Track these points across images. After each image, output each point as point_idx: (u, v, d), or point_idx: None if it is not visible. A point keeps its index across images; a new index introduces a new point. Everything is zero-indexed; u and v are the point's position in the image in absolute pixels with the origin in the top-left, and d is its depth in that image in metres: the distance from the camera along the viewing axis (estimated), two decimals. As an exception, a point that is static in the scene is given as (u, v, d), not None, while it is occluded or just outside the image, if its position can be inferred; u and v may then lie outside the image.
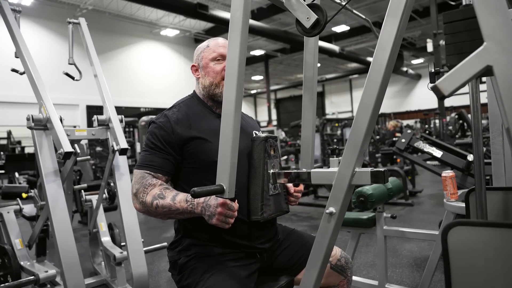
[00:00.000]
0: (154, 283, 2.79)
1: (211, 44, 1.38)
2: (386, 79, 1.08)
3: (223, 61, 1.35)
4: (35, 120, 2.12)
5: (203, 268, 1.23)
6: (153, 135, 1.29)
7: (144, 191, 1.22)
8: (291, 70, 22.87)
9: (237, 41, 1.11)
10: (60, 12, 11.87)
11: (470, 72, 0.71)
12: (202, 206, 1.15)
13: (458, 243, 0.76)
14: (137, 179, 1.26)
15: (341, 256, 1.41)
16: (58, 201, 2.07)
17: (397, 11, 1.00)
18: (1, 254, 2.45)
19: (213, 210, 1.12)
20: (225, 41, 1.37)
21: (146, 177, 1.25)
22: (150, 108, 14.86)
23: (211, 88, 1.35)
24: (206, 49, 1.38)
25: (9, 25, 2.43)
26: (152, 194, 1.21)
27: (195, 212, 1.16)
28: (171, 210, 1.19)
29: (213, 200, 1.13)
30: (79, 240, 4.13)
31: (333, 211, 1.11)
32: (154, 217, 1.25)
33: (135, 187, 1.25)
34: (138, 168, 1.29)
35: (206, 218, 1.14)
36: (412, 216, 4.49)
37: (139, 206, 1.25)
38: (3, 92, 10.85)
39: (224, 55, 1.34)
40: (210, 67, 1.36)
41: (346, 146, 1.08)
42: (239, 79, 1.10)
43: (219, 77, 1.34)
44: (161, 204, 1.19)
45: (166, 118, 1.31)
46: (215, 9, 10.98)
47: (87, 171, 5.31)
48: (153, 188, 1.22)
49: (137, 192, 1.24)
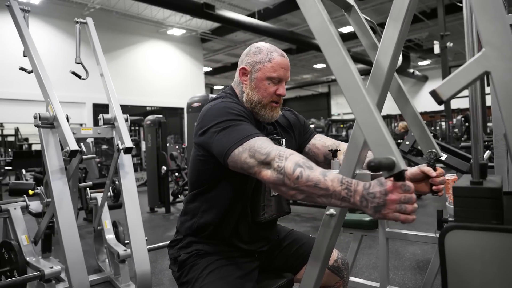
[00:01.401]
0: (157, 281, 2.82)
1: (274, 61, 1.26)
2: (388, 82, 1.09)
3: (277, 83, 1.27)
4: (42, 118, 2.15)
5: (202, 265, 1.24)
6: (232, 108, 1.17)
7: (281, 154, 0.99)
8: (297, 71, 22.83)
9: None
10: (68, 11, 11.96)
11: (469, 77, 0.71)
12: (362, 195, 0.87)
13: (455, 247, 0.77)
14: (261, 144, 1.04)
15: (338, 257, 1.43)
16: (63, 199, 2.09)
17: (399, 15, 1.01)
18: (7, 249, 2.48)
19: (380, 199, 0.84)
20: (287, 62, 1.29)
21: (267, 141, 1.05)
22: (156, 107, 14.93)
23: (257, 105, 1.27)
24: (267, 64, 1.26)
25: (18, 24, 2.47)
26: (293, 160, 0.97)
27: (350, 201, 0.89)
28: (318, 187, 0.92)
29: (377, 186, 0.86)
30: (84, 237, 4.18)
31: (333, 212, 1.13)
32: (286, 192, 0.99)
33: (261, 152, 1.01)
34: (249, 138, 1.06)
35: (371, 212, 0.87)
36: (416, 219, 4.48)
37: (271, 174, 0.99)
38: (11, 90, 10.96)
39: (282, 78, 1.27)
40: (264, 85, 1.26)
41: (347, 149, 1.09)
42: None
43: (269, 99, 1.27)
44: (307, 175, 0.93)
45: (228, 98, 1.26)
46: (222, 9, 11.00)
47: (93, 169, 5.36)
48: (292, 153, 1.00)
49: (268, 156, 1.00)
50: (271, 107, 1.29)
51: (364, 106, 0.86)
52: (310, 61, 20.13)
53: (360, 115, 0.86)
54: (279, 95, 1.28)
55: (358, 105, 0.87)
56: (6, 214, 2.68)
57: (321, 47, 0.94)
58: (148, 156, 6.06)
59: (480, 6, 0.69)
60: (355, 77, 0.89)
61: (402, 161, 0.79)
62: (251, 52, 1.30)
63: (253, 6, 12.85)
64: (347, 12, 1.28)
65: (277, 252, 1.43)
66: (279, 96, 1.29)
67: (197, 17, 11.18)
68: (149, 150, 5.94)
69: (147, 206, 5.88)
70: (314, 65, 21.10)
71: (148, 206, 5.88)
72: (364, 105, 0.86)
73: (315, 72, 23.47)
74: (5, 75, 10.68)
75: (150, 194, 5.85)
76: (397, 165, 0.79)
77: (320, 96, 25.70)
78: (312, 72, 23.37)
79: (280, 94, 1.28)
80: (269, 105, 1.28)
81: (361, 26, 1.27)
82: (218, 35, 15.30)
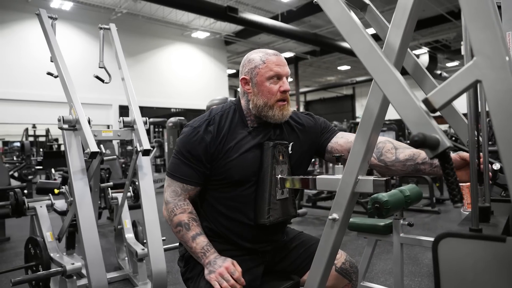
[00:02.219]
0: (174, 280, 2.88)
1: (267, 61, 1.31)
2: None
3: (278, 80, 1.31)
4: (65, 121, 2.25)
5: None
6: (189, 143, 1.28)
7: (174, 210, 1.30)
8: (321, 73, 22.68)
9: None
10: (97, 16, 12.37)
11: (460, 86, 0.72)
12: (210, 261, 1.23)
13: (448, 255, 0.77)
14: (170, 192, 1.32)
15: (346, 260, 1.43)
16: (84, 198, 2.18)
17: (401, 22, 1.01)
18: (33, 245, 2.60)
19: (215, 268, 1.20)
20: (281, 58, 1.34)
21: (179, 194, 1.31)
22: (180, 108, 15.18)
23: (264, 109, 1.31)
24: (262, 66, 1.30)
25: (45, 31, 2.59)
26: (180, 218, 1.29)
27: (201, 261, 1.26)
28: (187, 244, 1.28)
29: (221, 261, 1.21)
30: (107, 236, 4.31)
31: (336, 217, 1.14)
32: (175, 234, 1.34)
33: (168, 198, 1.32)
34: (171, 177, 1.33)
35: (206, 272, 1.22)
36: (437, 225, 4.38)
37: (166, 215, 1.33)
38: (44, 92, 11.45)
39: (281, 74, 1.31)
40: (265, 86, 1.30)
41: (350, 154, 1.10)
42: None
43: (274, 98, 1.30)
44: (183, 234, 1.28)
45: (205, 126, 1.30)
46: (245, 12, 11.09)
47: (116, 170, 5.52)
48: (183, 212, 1.30)
49: (168, 204, 1.32)
50: (279, 107, 1.31)
51: (398, 87, 0.82)
52: (334, 63, 19.96)
53: (395, 96, 0.83)
54: (283, 91, 1.31)
55: (391, 86, 0.84)
56: (33, 211, 2.81)
57: (344, 36, 0.92)
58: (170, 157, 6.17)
59: (470, 15, 0.70)
60: (383, 60, 0.86)
61: (446, 138, 0.74)
62: (246, 62, 1.36)
63: (276, 8, 12.89)
64: (363, 11, 1.28)
65: (284, 253, 1.45)
66: (284, 93, 1.31)
67: (221, 20, 11.32)
68: (171, 151, 6.07)
69: (169, 206, 5.99)
70: (338, 67, 20.90)
71: (170, 206, 5.99)
72: (397, 86, 0.83)
73: (340, 74, 23.24)
74: (38, 78, 11.16)
75: (172, 194, 5.96)
76: (442, 143, 0.74)
77: (345, 98, 25.40)
78: (336, 74, 23.15)
79: (284, 90, 1.31)
80: (276, 105, 1.31)
81: (380, 22, 1.26)
82: (241, 37, 15.43)
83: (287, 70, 1.34)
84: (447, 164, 0.74)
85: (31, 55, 11.50)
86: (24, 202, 2.77)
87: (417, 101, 0.79)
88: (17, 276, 2.30)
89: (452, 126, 1.16)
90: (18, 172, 7.10)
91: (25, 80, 11.55)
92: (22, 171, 7.06)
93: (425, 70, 1.17)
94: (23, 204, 2.76)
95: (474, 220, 0.81)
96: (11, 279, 2.19)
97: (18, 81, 11.48)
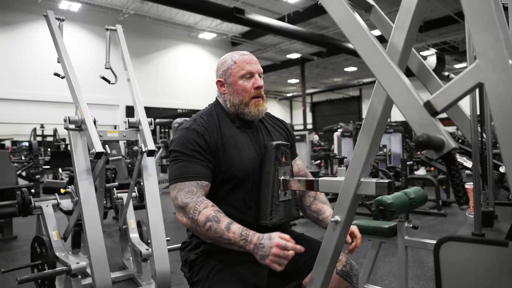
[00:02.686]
0: (178, 280, 2.89)
1: (238, 60, 1.37)
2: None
3: (251, 78, 1.36)
4: (71, 121, 2.27)
5: (211, 264, 1.29)
6: (189, 141, 1.28)
7: (196, 208, 1.20)
8: (328, 74, 22.62)
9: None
10: (105, 17, 12.47)
11: (462, 89, 0.71)
12: (255, 244, 1.12)
13: (450, 259, 0.76)
14: (186, 193, 1.23)
15: (347, 263, 1.42)
16: (89, 198, 2.20)
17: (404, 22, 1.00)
18: (39, 244, 2.63)
19: (267, 250, 1.09)
20: (251, 57, 1.39)
21: (194, 192, 1.23)
22: (186, 109, 15.23)
23: (240, 106, 1.36)
24: (234, 66, 1.36)
25: (52, 32, 2.61)
26: (206, 214, 1.19)
27: (246, 248, 1.14)
28: (222, 237, 1.16)
29: (267, 240, 1.11)
30: (112, 235, 4.34)
31: (338, 219, 1.13)
32: (199, 235, 1.24)
33: (184, 200, 1.22)
34: (177, 181, 1.26)
35: (258, 257, 1.12)
36: (443, 227, 4.34)
37: (186, 221, 1.22)
38: (52, 93, 11.55)
39: (252, 72, 1.36)
40: (239, 85, 1.35)
41: (352, 157, 1.10)
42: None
43: (249, 95, 1.36)
44: (215, 228, 1.16)
45: (200, 124, 1.32)
46: (252, 13, 11.11)
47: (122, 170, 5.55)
48: (206, 207, 1.21)
49: (186, 207, 1.22)
50: (255, 103, 1.37)
51: (402, 88, 0.82)
52: (340, 64, 19.89)
53: (399, 96, 0.83)
54: (257, 87, 1.36)
55: (394, 87, 0.84)
56: (39, 211, 2.84)
57: (347, 36, 0.93)
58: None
59: (473, 18, 0.69)
60: (387, 60, 0.87)
61: (451, 139, 0.74)
62: (219, 65, 1.42)
63: (283, 9, 12.88)
64: (368, 12, 1.28)
65: None
66: (258, 89, 1.36)
67: (227, 21, 11.35)
68: (177, 152, 6.08)
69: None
70: (345, 68, 20.83)
71: (175, 206, 6.01)
72: (401, 87, 0.83)
73: (346, 75, 23.15)
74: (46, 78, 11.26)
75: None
76: (447, 144, 0.73)
77: (351, 100, 25.30)
78: (342, 75, 23.07)
79: (258, 87, 1.36)
80: (251, 102, 1.36)
81: (385, 23, 1.26)
82: (248, 38, 15.44)
83: (258, 67, 1.39)
84: (452, 166, 0.74)
85: (39, 56, 11.61)
86: (31, 202, 2.80)
87: (421, 102, 0.78)
88: (23, 274, 2.32)
89: (459, 127, 1.15)
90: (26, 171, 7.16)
91: (33, 80, 11.66)
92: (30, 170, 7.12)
93: (430, 71, 1.17)
94: (29, 203, 2.79)
95: (476, 224, 0.81)
96: (17, 277, 2.21)
97: (27, 82, 11.60)
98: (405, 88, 0.81)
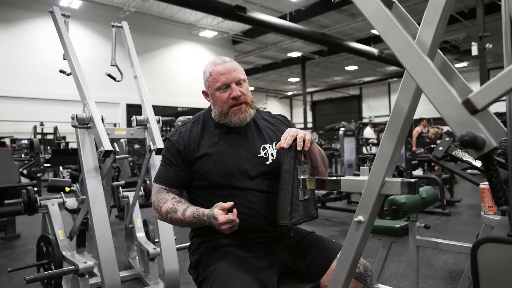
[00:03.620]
0: (185, 279, 2.87)
1: (213, 73, 1.38)
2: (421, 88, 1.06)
3: (227, 88, 1.37)
4: (79, 119, 2.24)
5: (213, 261, 1.31)
6: (167, 151, 1.42)
7: (158, 204, 1.37)
8: (328, 73, 22.60)
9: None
10: (105, 14, 12.43)
11: (506, 86, 0.69)
12: (206, 216, 1.25)
13: (489, 261, 0.74)
14: (154, 192, 1.41)
15: (361, 264, 1.40)
16: (97, 197, 2.17)
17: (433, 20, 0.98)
18: (46, 243, 2.60)
19: (218, 226, 1.21)
20: (224, 68, 1.37)
21: (161, 192, 1.39)
22: (187, 107, 15.20)
23: (221, 117, 1.40)
24: (210, 78, 1.39)
25: (59, 29, 2.59)
26: (165, 207, 1.35)
27: (204, 223, 1.27)
28: (184, 223, 1.32)
29: (213, 219, 1.21)
30: (116, 234, 4.31)
31: (362, 219, 1.11)
32: (173, 225, 1.41)
33: (152, 199, 1.41)
34: (155, 182, 1.43)
35: (216, 226, 1.24)
36: (448, 227, 4.32)
37: (157, 216, 1.40)
38: (52, 90, 11.51)
39: (227, 83, 1.37)
40: (217, 96, 1.39)
41: (377, 155, 1.07)
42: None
43: (227, 105, 1.38)
44: (174, 217, 1.33)
45: (179, 136, 1.42)
46: (253, 11, 11.06)
47: (125, 168, 5.53)
48: (166, 202, 1.36)
49: (154, 204, 1.40)
50: (234, 112, 1.38)
51: (439, 85, 0.80)
52: (341, 63, 19.87)
53: (435, 94, 0.80)
54: (233, 98, 1.36)
55: (431, 84, 0.81)
56: (44, 209, 2.81)
57: (379, 32, 0.90)
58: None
59: (519, 12, 0.67)
60: (423, 57, 0.84)
61: (493, 139, 0.71)
62: (203, 75, 1.45)
63: (285, 8, 12.84)
64: (389, 9, 1.25)
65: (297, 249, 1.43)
66: (234, 99, 1.37)
67: (229, 19, 11.29)
68: (180, 150, 6.05)
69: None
70: (345, 67, 20.80)
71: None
72: (438, 84, 0.80)
73: (347, 74, 23.13)
74: (46, 76, 11.23)
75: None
76: (488, 143, 0.70)
77: (352, 99, 25.29)
78: (343, 74, 23.05)
79: (234, 96, 1.36)
80: (231, 111, 1.38)
81: (407, 20, 1.23)
82: (249, 37, 15.39)
83: (234, 76, 1.37)
84: (492, 166, 0.72)
85: (40, 54, 11.56)
86: (36, 200, 2.77)
87: (459, 100, 0.75)
88: (29, 274, 2.30)
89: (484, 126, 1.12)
90: (27, 169, 7.13)
91: (33, 78, 11.60)
92: (31, 168, 7.09)
93: (454, 69, 1.14)
94: (35, 202, 2.77)
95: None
96: (24, 277, 2.18)
97: (27, 79, 11.54)
98: (443, 85, 0.79)
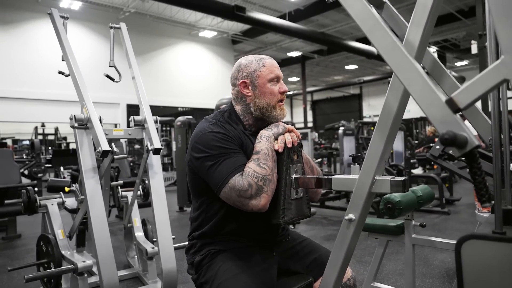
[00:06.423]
0: (183, 278, 2.88)
1: (267, 64, 1.36)
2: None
3: (277, 82, 1.37)
4: (77, 119, 2.26)
5: (218, 264, 1.29)
6: (220, 141, 1.25)
7: (257, 183, 1.20)
8: (328, 72, 22.60)
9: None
10: (105, 15, 12.45)
11: (487, 85, 0.70)
12: (276, 133, 1.31)
13: (472, 257, 0.76)
14: (238, 187, 1.19)
15: (351, 277, 1.43)
16: (95, 196, 2.19)
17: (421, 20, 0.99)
18: (45, 242, 2.62)
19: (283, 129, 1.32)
20: (276, 63, 1.41)
21: (241, 174, 1.22)
22: (187, 108, 15.22)
23: (268, 109, 1.34)
24: (263, 68, 1.35)
25: (57, 30, 2.60)
26: (252, 177, 1.20)
27: (268, 138, 1.29)
28: (267, 160, 1.24)
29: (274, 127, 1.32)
30: (115, 234, 4.33)
31: (352, 217, 1.13)
32: (272, 188, 1.23)
33: (246, 192, 1.19)
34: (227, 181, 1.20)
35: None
36: (447, 225, 4.33)
37: (266, 197, 1.21)
38: (52, 91, 11.54)
39: (279, 76, 1.38)
40: (267, 88, 1.34)
41: (367, 154, 1.09)
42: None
43: (276, 99, 1.36)
44: (269, 174, 1.23)
45: (221, 127, 1.30)
46: (252, 11, 11.08)
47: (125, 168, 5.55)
48: (247, 174, 1.21)
49: (251, 191, 1.19)
50: (280, 107, 1.38)
51: (423, 85, 0.81)
52: (341, 62, 19.87)
53: (420, 94, 0.81)
54: (282, 92, 1.38)
55: (415, 84, 0.83)
56: (44, 209, 2.83)
57: (366, 33, 0.91)
58: (178, 156, 6.19)
59: (498, 12, 0.68)
60: (408, 57, 0.85)
61: (474, 137, 0.73)
62: (243, 66, 1.38)
63: (284, 7, 12.85)
64: (380, 10, 1.27)
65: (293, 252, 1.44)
66: (283, 94, 1.38)
67: (228, 19, 11.31)
68: (179, 150, 6.07)
69: (177, 205, 6.02)
70: (345, 66, 20.81)
71: (178, 205, 6.01)
72: (422, 84, 0.81)
73: (347, 74, 23.14)
74: (47, 77, 11.26)
75: (180, 193, 5.98)
76: (470, 141, 0.72)
77: (352, 98, 25.29)
78: (343, 73, 23.05)
79: (283, 91, 1.38)
80: (277, 105, 1.37)
81: (398, 20, 1.25)
82: (249, 36, 15.41)
83: (281, 73, 1.42)
84: (475, 164, 0.73)
85: (40, 55, 11.59)
86: (36, 200, 2.79)
87: (443, 99, 0.77)
88: (29, 273, 2.32)
89: (473, 124, 1.14)
90: (28, 170, 7.15)
91: (34, 79, 11.64)
92: (32, 169, 7.11)
93: (444, 68, 1.16)
94: (35, 201, 2.79)
95: (497, 222, 0.80)
96: (24, 275, 2.20)
97: (27, 80, 11.57)
98: (427, 85, 0.80)
